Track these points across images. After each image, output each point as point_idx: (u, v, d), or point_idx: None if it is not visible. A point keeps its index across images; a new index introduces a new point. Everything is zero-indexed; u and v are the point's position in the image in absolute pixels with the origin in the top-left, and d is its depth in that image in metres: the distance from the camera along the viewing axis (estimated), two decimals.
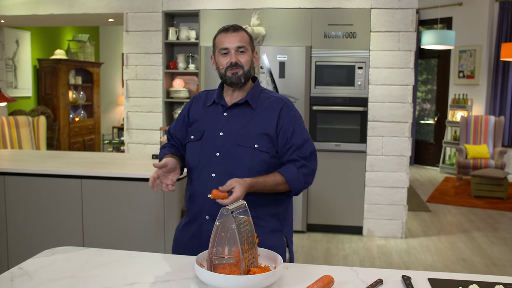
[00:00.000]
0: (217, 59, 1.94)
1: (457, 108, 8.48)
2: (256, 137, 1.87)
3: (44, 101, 8.00)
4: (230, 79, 1.89)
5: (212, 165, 1.88)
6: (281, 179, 1.86)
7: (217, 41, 1.93)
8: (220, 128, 1.91)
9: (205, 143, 1.92)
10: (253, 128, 1.88)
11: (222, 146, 1.88)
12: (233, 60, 1.88)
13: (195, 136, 1.95)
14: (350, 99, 4.88)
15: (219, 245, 1.47)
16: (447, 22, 8.74)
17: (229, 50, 1.88)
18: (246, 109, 1.92)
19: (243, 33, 1.92)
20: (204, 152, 1.91)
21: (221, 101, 1.95)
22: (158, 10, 5.17)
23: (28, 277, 1.52)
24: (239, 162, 1.86)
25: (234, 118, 1.91)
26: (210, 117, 1.95)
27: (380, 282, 1.50)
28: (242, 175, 1.80)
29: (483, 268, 4.14)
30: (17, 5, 5.52)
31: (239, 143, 1.86)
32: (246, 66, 1.90)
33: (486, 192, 6.70)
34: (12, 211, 3.32)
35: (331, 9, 4.85)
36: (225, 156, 1.87)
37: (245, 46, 1.90)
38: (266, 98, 1.95)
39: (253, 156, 1.86)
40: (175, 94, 5.33)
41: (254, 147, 1.86)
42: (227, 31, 1.90)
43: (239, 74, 1.88)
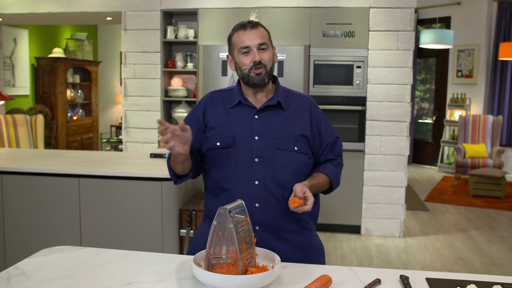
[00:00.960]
0: (237, 59, 1.80)
1: (456, 107, 8.49)
2: (294, 139, 1.79)
3: (42, 99, 7.98)
4: (253, 79, 1.77)
5: (253, 172, 1.76)
6: (326, 180, 1.84)
7: (235, 40, 1.80)
8: (255, 132, 1.78)
9: (239, 149, 1.78)
10: (289, 130, 1.80)
11: (260, 151, 1.77)
12: (257, 59, 1.75)
13: (222, 142, 1.78)
14: (349, 98, 4.88)
15: (217, 245, 1.46)
16: (445, 22, 8.74)
17: (251, 48, 1.76)
18: (277, 110, 1.83)
19: (262, 28, 1.80)
20: (240, 159, 1.77)
21: (247, 102, 1.82)
22: (157, 9, 5.16)
23: (25, 276, 1.51)
24: (281, 166, 1.77)
25: (267, 120, 1.80)
26: (238, 120, 1.81)
27: (378, 282, 1.49)
28: (287, 179, 1.76)
29: (481, 267, 4.15)
30: (15, 3, 5.50)
31: (278, 146, 1.77)
32: (269, 65, 1.79)
33: (484, 191, 6.70)
34: (10, 210, 3.31)
35: (329, 8, 4.85)
36: (265, 162, 1.77)
37: (266, 43, 1.78)
38: (291, 97, 1.88)
39: (294, 159, 1.79)
40: (173, 93, 5.32)
41: (294, 149, 1.79)
42: (245, 28, 1.78)
43: (263, 74, 1.77)
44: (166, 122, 1.57)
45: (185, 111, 5.28)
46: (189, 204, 3.35)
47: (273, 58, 1.82)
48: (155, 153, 3.78)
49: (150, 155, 3.79)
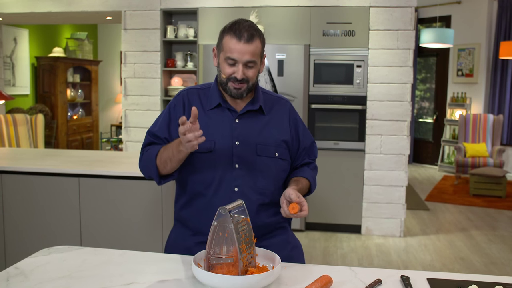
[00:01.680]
0: (221, 62, 1.71)
1: (456, 106, 8.48)
2: (274, 145, 1.77)
3: (42, 99, 7.98)
4: (230, 91, 1.71)
5: (233, 178, 1.72)
6: (307, 184, 1.83)
7: (226, 43, 1.68)
8: (236, 136, 1.74)
9: (219, 154, 1.72)
10: (270, 135, 1.77)
11: (240, 156, 1.73)
12: (239, 77, 1.67)
13: (201, 146, 1.67)
14: (349, 98, 4.87)
15: (217, 245, 1.46)
16: (446, 21, 8.73)
17: (237, 62, 1.67)
18: (258, 114, 1.79)
19: (257, 42, 1.68)
20: (220, 164, 1.72)
21: (227, 105, 1.76)
22: (156, 8, 5.16)
23: (24, 276, 1.51)
24: (262, 172, 1.74)
25: (248, 124, 1.76)
26: (219, 124, 1.75)
27: (378, 282, 1.49)
28: (267, 185, 1.75)
29: (481, 267, 4.14)
30: (15, 2, 5.50)
31: (259, 152, 1.74)
32: (252, 80, 1.71)
33: (484, 191, 6.70)
34: (9, 209, 3.30)
35: (329, 7, 4.84)
36: (246, 168, 1.73)
37: (255, 61, 1.69)
38: (270, 100, 1.84)
39: (275, 165, 1.77)
40: (173, 92, 5.31)
41: (275, 155, 1.77)
42: (240, 40, 1.65)
43: (242, 89, 1.70)
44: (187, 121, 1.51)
45: None
46: None
47: (258, 72, 1.74)
48: None
49: None
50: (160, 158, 1.71)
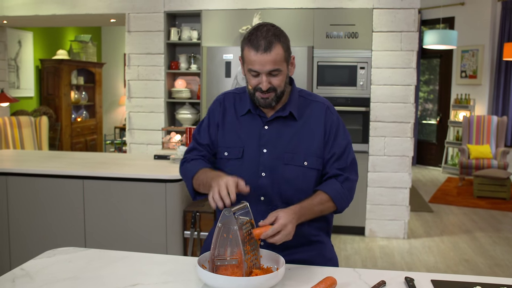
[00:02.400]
0: (246, 73, 1.67)
1: (460, 108, 8.46)
2: (304, 153, 1.68)
3: (46, 101, 8.01)
4: (259, 101, 1.66)
5: (259, 187, 1.67)
6: (326, 198, 1.67)
7: (246, 56, 1.62)
8: (263, 144, 1.69)
9: (246, 161, 1.69)
10: (300, 143, 1.68)
11: (267, 165, 1.68)
12: (264, 88, 1.61)
13: (230, 153, 1.70)
14: (352, 99, 4.87)
15: (221, 247, 1.46)
16: (449, 22, 8.72)
17: (260, 74, 1.62)
18: (289, 120, 1.70)
19: (277, 49, 1.59)
20: (247, 172, 1.67)
21: (258, 112, 1.71)
22: (160, 11, 5.17)
23: (30, 278, 1.51)
24: (288, 182, 1.67)
25: (277, 132, 1.69)
26: (248, 130, 1.71)
27: (383, 284, 1.49)
28: (293, 196, 1.66)
29: (486, 269, 4.13)
30: (20, 5, 5.52)
31: (287, 161, 1.67)
32: (280, 88, 1.64)
33: (488, 193, 6.68)
34: (14, 211, 3.32)
35: (333, 9, 4.84)
36: (273, 177, 1.67)
37: (278, 68, 1.61)
38: (306, 104, 1.74)
39: (303, 175, 1.68)
40: (177, 95, 5.32)
41: (303, 164, 1.68)
42: (257, 50, 1.58)
43: (270, 98, 1.64)
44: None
45: (188, 112, 5.29)
46: (193, 205, 3.35)
47: (287, 77, 1.67)
48: (159, 154, 3.78)
49: (154, 156, 3.80)
50: (197, 179, 1.71)
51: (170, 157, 3.67)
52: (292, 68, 1.71)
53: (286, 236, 1.48)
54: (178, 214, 3.20)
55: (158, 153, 3.90)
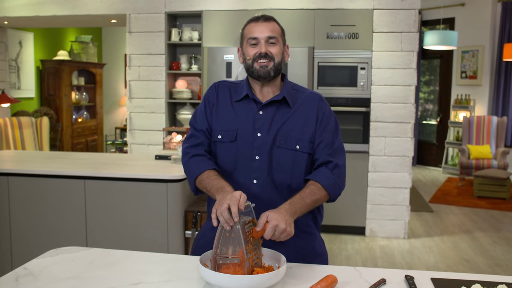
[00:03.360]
0: (244, 50, 1.77)
1: (460, 108, 8.47)
2: (296, 137, 1.72)
3: (47, 102, 8.02)
4: (257, 71, 1.72)
5: (252, 170, 1.72)
6: (317, 187, 1.69)
7: (246, 31, 1.77)
8: (258, 128, 1.73)
9: (240, 145, 1.73)
10: (293, 127, 1.73)
11: (261, 148, 1.71)
12: (263, 50, 1.71)
13: (224, 136, 1.75)
14: (353, 100, 4.88)
15: (224, 245, 1.47)
16: (449, 23, 8.73)
17: (259, 40, 1.72)
18: (283, 106, 1.76)
19: (274, 23, 1.76)
20: (241, 156, 1.72)
21: (253, 97, 1.76)
22: (161, 11, 5.19)
23: (33, 277, 1.52)
24: (280, 165, 1.71)
25: (271, 116, 1.74)
26: (243, 114, 1.76)
27: (383, 282, 1.50)
28: (285, 179, 1.71)
29: (486, 269, 4.14)
30: (20, 6, 5.54)
31: (279, 144, 1.71)
32: (277, 58, 1.73)
33: (488, 193, 6.69)
34: (16, 211, 3.33)
35: (333, 10, 4.86)
36: (266, 160, 1.71)
37: (276, 37, 1.73)
38: (300, 94, 1.80)
39: (295, 158, 1.72)
40: (178, 95, 5.34)
41: (295, 148, 1.72)
42: (258, 21, 1.75)
43: (269, 67, 1.72)
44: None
45: (189, 113, 5.30)
46: (194, 205, 3.36)
47: (283, 54, 1.77)
48: (160, 154, 3.79)
49: (155, 156, 3.81)
50: (200, 182, 1.73)
51: (171, 157, 3.68)
52: (287, 56, 1.81)
53: (282, 234, 1.49)
54: (179, 214, 3.22)
55: (159, 153, 3.91)
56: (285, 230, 1.49)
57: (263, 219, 1.49)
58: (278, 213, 1.52)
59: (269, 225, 1.48)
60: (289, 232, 1.50)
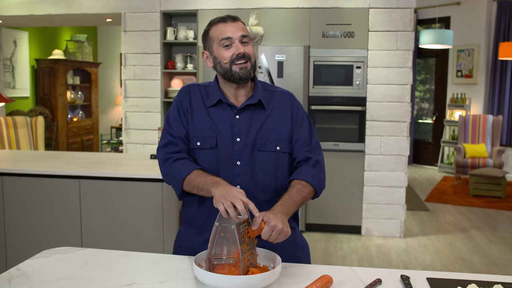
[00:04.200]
0: (216, 52, 1.70)
1: (455, 107, 8.49)
2: (275, 139, 1.73)
3: (42, 101, 7.99)
4: (238, 74, 1.68)
5: (235, 175, 1.70)
6: (303, 185, 1.70)
7: (214, 33, 1.70)
8: (236, 133, 1.71)
9: (221, 151, 1.71)
10: (271, 129, 1.73)
11: (241, 153, 1.70)
12: (241, 51, 1.66)
13: (203, 143, 1.71)
14: (349, 99, 4.88)
15: (218, 246, 1.47)
16: (445, 22, 8.75)
17: (233, 40, 1.67)
18: (258, 109, 1.74)
19: (242, 23, 1.73)
20: (222, 162, 1.71)
21: (227, 101, 1.74)
22: (156, 10, 5.17)
23: (26, 278, 1.51)
24: (263, 168, 1.71)
25: (248, 120, 1.72)
26: (219, 120, 1.73)
27: (378, 282, 1.49)
28: (268, 181, 1.72)
29: (482, 267, 4.15)
30: (15, 5, 5.51)
31: (260, 148, 1.71)
32: (253, 58, 1.71)
33: (484, 191, 6.71)
34: (10, 211, 3.31)
35: (329, 8, 4.85)
36: (248, 164, 1.71)
37: (248, 36, 1.71)
38: (271, 95, 1.79)
39: (276, 160, 1.73)
40: (174, 94, 5.32)
41: (276, 149, 1.72)
42: (226, 21, 1.70)
43: (249, 67, 1.68)
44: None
45: None
46: None
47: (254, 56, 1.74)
48: (155, 154, 3.78)
49: (150, 156, 3.80)
50: (190, 182, 1.67)
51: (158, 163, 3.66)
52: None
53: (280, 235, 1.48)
54: (175, 214, 3.21)
55: (154, 152, 3.90)
56: (283, 230, 1.48)
57: (259, 218, 1.48)
58: (273, 213, 1.51)
59: (267, 226, 1.47)
60: (286, 232, 1.50)
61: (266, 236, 1.46)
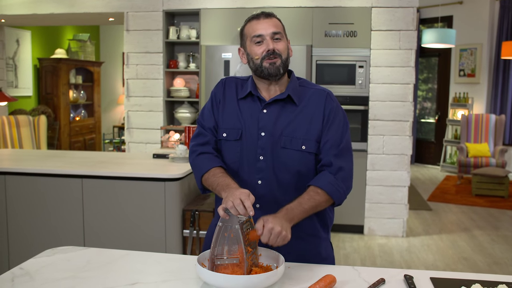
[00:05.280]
0: (249, 49, 1.71)
1: (458, 106, 8.47)
2: (302, 138, 1.67)
3: (45, 100, 8.00)
4: (267, 70, 1.67)
5: (257, 171, 1.68)
6: (317, 192, 1.63)
7: (248, 30, 1.72)
8: (262, 127, 1.69)
9: (245, 144, 1.70)
10: (299, 127, 1.68)
11: (265, 148, 1.67)
12: (271, 47, 1.66)
13: (229, 134, 1.72)
14: (351, 98, 4.87)
15: (221, 245, 1.46)
16: (447, 21, 8.73)
17: (264, 37, 1.68)
18: (288, 105, 1.70)
19: (276, 19, 1.73)
20: (246, 155, 1.69)
21: (258, 94, 1.71)
22: (159, 9, 5.17)
23: (29, 277, 1.51)
24: (285, 166, 1.67)
25: (276, 115, 1.69)
26: (247, 113, 1.72)
27: (382, 282, 1.49)
28: (290, 180, 1.68)
29: (484, 267, 4.14)
30: (18, 4, 5.51)
31: (284, 145, 1.67)
32: (284, 55, 1.69)
33: (487, 191, 6.69)
34: (13, 210, 3.31)
35: (331, 7, 4.84)
36: (270, 160, 1.67)
37: (281, 33, 1.70)
38: (306, 90, 1.74)
39: (300, 159, 1.67)
40: (176, 93, 5.32)
41: (301, 148, 1.67)
42: (259, 18, 1.71)
43: (278, 64, 1.67)
44: None
45: (187, 111, 5.28)
46: (192, 204, 3.35)
47: (288, 50, 1.72)
48: (158, 153, 3.78)
49: (153, 155, 3.79)
50: (206, 180, 1.71)
51: (169, 156, 3.67)
52: (290, 51, 1.76)
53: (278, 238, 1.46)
54: (177, 213, 3.20)
55: (157, 152, 3.90)
56: (281, 232, 1.45)
57: (260, 223, 1.47)
58: (274, 217, 1.50)
59: (265, 228, 1.45)
60: (285, 236, 1.47)
61: (265, 239, 1.45)
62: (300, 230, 1.69)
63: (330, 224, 1.83)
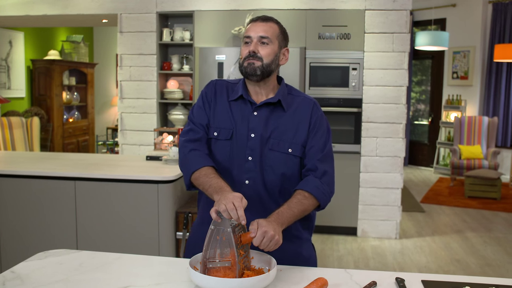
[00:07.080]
0: (241, 49, 1.78)
1: (451, 109, 8.51)
2: (289, 141, 1.74)
3: (38, 102, 7.96)
4: (245, 69, 1.73)
5: (245, 170, 1.74)
6: (305, 196, 1.68)
7: (245, 31, 1.78)
8: (252, 129, 1.75)
9: (235, 144, 1.75)
10: (286, 130, 1.75)
11: (254, 149, 1.73)
12: (251, 49, 1.72)
13: (220, 134, 1.77)
14: (345, 100, 4.89)
15: (213, 248, 1.46)
16: (441, 23, 8.77)
17: (252, 39, 1.73)
18: (277, 109, 1.77)
19: (272, 24, 1.76)
20: (236, 155, 1.75)
21: (249, 98, 1.77)
22: (152, 11, 5.16)
23: (20, 280, 1.51)
24: (271, 168, 1.73)
25: (265, 118, 1.76)
26: (238, 114, 1.77)
27: (373, 284, 1.50)
28: (275, 181, 1.73)
29: (477, 269, 4.16)
30: (10, 5, 5.49)
31: (272, 147, 1.73)
32: (266, 59, 1.72)
33: (479, 193, 6.73)
34: (5, 213, 3.30)
35: (325, 10, 4.86)
36: (258, 161, 1.73)
37: (269, 38, 1.73)
38: (295, 98, 1.81)
39: (286, 162, 1.74)
40: (170, 95, 5.32)
41: (287, 151, 1.74)
42: (256, 21, 1.76)
43: (256, 65, 1.71)
44: None
45: (181, 113, 5.28)
46: (185, 206, 3.35)
47: (276, 56, 1.75)
48: (151, 155, 3.78)
49: (146, 157, 3.79)
50: (196, 179, 1.71)
51: (162, 158, 3.67)
52: (284, 59, 1.80)
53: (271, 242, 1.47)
54: (171, 215, 3.20)
55: (150, 154, 3.89)
56: (274, 236, 1.47)
57: (254, 225, 1.48)
58: (267, 221, 1.52)
59: (258, 230, 1.47)
60: (277, 240, 1.49)
61: (257, 242, 1.46)
62: (286, 231, 1.69)
63: (312, 225, 1.88)
